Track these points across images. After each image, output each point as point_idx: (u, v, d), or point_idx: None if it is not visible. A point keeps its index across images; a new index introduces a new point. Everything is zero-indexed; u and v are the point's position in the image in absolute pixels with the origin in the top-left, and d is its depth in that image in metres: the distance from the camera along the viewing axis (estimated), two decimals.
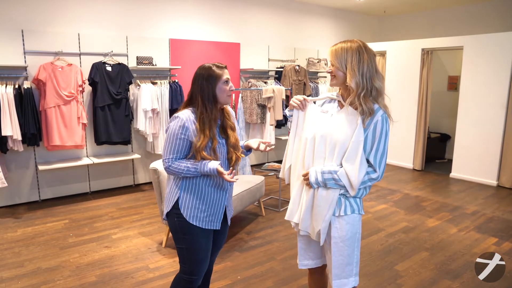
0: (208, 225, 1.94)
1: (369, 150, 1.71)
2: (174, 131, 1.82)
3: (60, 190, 4.79)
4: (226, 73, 1.90)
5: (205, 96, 1.84)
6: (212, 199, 1.93)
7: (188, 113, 1.85)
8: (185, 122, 1.82)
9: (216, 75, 1.85)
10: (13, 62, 4.26)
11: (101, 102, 4.65)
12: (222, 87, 1.87)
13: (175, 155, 1.85)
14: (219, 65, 1.89)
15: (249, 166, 4.67)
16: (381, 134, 1.71)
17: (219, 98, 1.87)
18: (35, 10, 4.40)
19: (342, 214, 1.77)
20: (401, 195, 5.06)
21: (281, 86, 5.61)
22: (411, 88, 6.33)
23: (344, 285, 1.81)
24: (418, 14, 7.83)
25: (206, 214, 1.92)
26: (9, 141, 4.10)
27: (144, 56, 5.02)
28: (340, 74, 1.75)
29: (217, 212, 1.97)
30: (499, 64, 5.30)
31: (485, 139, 5.53)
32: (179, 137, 1.83)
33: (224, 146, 1.91)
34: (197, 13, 5.69)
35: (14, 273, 2.98)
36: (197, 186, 1.90)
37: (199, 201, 1.90)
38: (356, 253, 1.82)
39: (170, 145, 1.84)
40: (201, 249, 1.95)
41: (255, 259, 3.24)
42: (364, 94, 1.69)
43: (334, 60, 1.75)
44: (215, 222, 1.97)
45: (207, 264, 2.02)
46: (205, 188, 1.91)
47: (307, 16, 7.10)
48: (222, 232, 2.12)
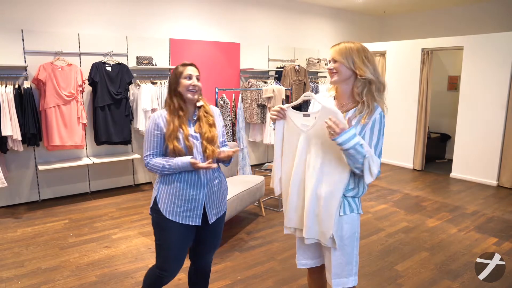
0: (186, 220, 1.98)
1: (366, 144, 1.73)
2: (148, 129, 1.99)
3: (60, 190, 4.79)
4: (189, 70, 2.00)
5: (171, 91, 2.01)
6: (188, 195, 1.98)
7: (161, 111, 2.03)
8: (157, 119, 1.98)
9: (179, 72, 1.99)
10: (13, 62, 4.26)
11: (101, 102, 4.65)
12: (183, 82, 1.98)
13: (152, 151, 1.99)
14: (185, 63, 2.03)
15: (249, 166, 4.67)
16: (379, 131, 1.74)
17: (182, 92, 1.98)
18: (35, 10, 4.40)
19: (341, 214, 1.77)
20: (401, 195, 5.05)
21: (281, 86, 5.61)
22: (411, 88, 6.33)
23: (344, 284, 1.81)
24: (418, 14, 7.83)
25: (183, 209, 1.98)
26: (9, 141, 4.10)
27: (144, 56, 5.02)
28: (344, 70, 1.75)
29: (195, 208, 1.99)
30: (499, 64, 5.29)
31: (485, 139, 5.53)
32: (153, 134, 1.98)
33: (199, 140, 1.99)
34: (197, 13, 5.69)
35: (14, 273, 2.98)
36: (173, 183, 1.98)
37: (175, 197, 1.97)
38: (356, 253, 1.82)
39: (147, 143, 2.00)
40: (175, 247, 2.00)
41: (255, 259, 3.24)
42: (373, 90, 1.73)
43: (338, 56, 1.75)
44: (193, 218, 2.00)
45: (181, 263, 2.06)
46: (179, 185, 1.98)
47: (307, 16, 7.10)
48: (213, 231, 2.12)
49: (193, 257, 2.21)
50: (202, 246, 2.14)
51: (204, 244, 2.13)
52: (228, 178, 4.22)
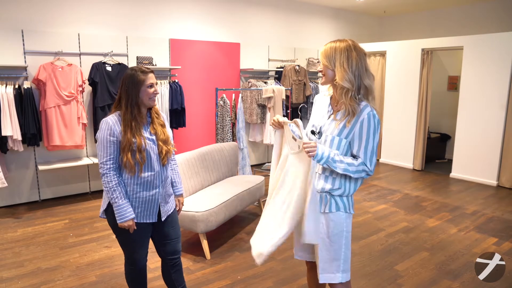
0: (142, 219, 2.08)
1: (357, 148, 1.77)
2: (103, 136, 1.95)
3: (60, 190, 4.79)
4: (150, 78, 2.00)
5: (129, 99, 1.97)
6: (143, 197, 2.05)
7: (114, 117, 1.99)
8: (112, 125, 1.95)
9: (140, 80, 1.97)
10: (13, 62, 4.26)
11: (101, 102, 4.65)
12: (146, 90, 1.98)
13: (108, 157, 1.96)
14: (144, 70, 2.00)
15: (249, 166, 4.67)
16: (368, 131, 1.74)
17: (143, 100, 1.99)
18: (35, 10, 4.40)
19: (327, 211, 1.83)
20: (401, 195, 5.06)
21: (281, 86, 5.61)
22: (411, 88, 6.33)
23: (330, 279, 1.86)
24: (418, 14, 7.83)
25: (140, 210, 2.06)
26: (9, 141, 4.10)
27: (144, 56, 5.03)
28: (329, 73, 1.81)
29: (151, 207, 2.09)
30: (499, 64, 5.30)
31: (485, 139, 5.53)
32: (109, 140, 1.95)
33: (155, 142, 2.04)
34: (197, 13, 5.69)
35: (14, 273, 2.98)
36: (129, 186, 2.02)
37: (131, 199, 2.03)
38: (345, 251, 1.85)
39: (102, 149, 1.96)
40: (135, 240, 2.11)
41: None
42: (352, 94, 1.74)
43: (323, 58, 1.81)
44: (149, 216, 2.10)
45: (145, 249, 2.18)
46: (135, 187, 2.02)
47: (307, 16, 7.10)
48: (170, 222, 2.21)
49: (163, 253, 2.26)
50: (167, 239, 2.22)
51: (167, 236, 2.22)
52: (228, 178, 4.23)
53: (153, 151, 2.03)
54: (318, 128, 1.87)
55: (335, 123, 1.80)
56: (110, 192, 1.96)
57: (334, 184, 1.82)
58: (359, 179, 1.85)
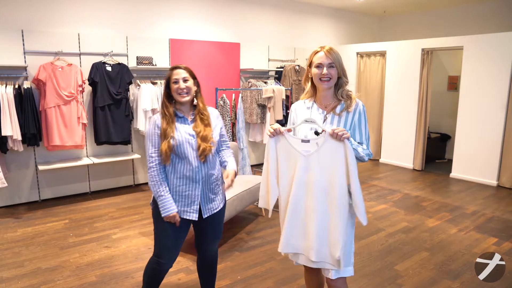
0: (182, 214, 2.10)
1: (359, 135, 1.91)
2: (149, 129, 2.11)
3: (60, 190, 4.79)
4: (176, 74, 2.09)
5: (164, 95, 2.14)
6: (184, 191, 2.09)
7: (158, 114, 2.15)
8: (157, 120, 2.11)
9: (168, 76, 2.12)
10: (13, 62, 4.26)
11: (101, 102, 4.65)
12: (172, 86, 2.10)
13: (153, 149, 2.07)
14: (174, 66, 2.14)
15: (249, 166, 4.67)
16: (365, 120, 1.92)
17: (174, 96, 2.11)
18: (35, 10, 4.40)
19: None
20: (401, 195, 5.06)
21: (281, 86, 5.61)
22: (411, 88, 6.33)
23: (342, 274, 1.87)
24: (418, 14, 7.83)
25: (180, 205, 2.09)
26: (9, 141, 4.10)
27: (144, 56, 5.02)
28: (336, 74, 1.89)
29: (191, 203, 2.10)
30: (499, 64, 5.29)
31: (485, 139, 5.53)
32: (154, 133, 2.09)
33: (194, 138, 2.09)
34: (197, 13, 5.69)
35: (14, 273, 2.98)
36: (170, 180, 2.09)
37: (172, 192, 2.09)
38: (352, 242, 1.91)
39: (148, 142, 2.10)
40: (170, 237, 2.13)
41: (255, 259, 3.24)
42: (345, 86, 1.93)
43: (336, 62, 1.87)
44: (190, 213, 2.11)
45: (176, 253, 2.19)
46: (176, 181, 2.08)
47: (307, 16, 7.10)
48: (211, 224, 2.21)
49: (198, 248, 2.33)
50: (204, 238, 2.27)
51: (205, 235, 2.26)
52: None
53: (192, 147, 2.07)
54: (320, 128, 1.87)
55: (337, 118, 1.89)
56: (156, 185, 2.05)
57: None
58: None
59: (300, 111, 1.98)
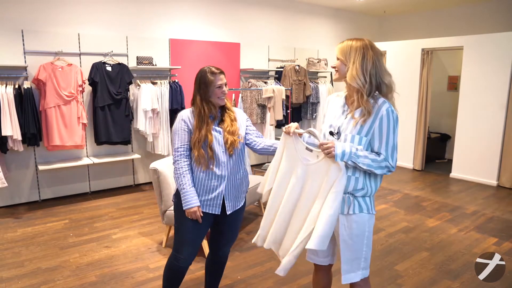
0: (205, 208, 2.12)
1: (379, 144, 1.75)
2: (177, 125, 2.14)
3: (60, 190, 4.79)
4: (220, 79, 2.12)
5: (202, 98, 2.13)
6: (210, 186, 2.11)
7: (188, 111, 2.17)
8: (184, 117, 2.14)
9: (209, 81, 2.11)
10: (13, 62, 4.26)
11: (101, 102, 4.65)
12: (215, 91, 2.12)
13: (180, 143, 2.11)
14: (214, 71, 2.13)
15: (249, 166, 4.68)
16: (388, 126, 1.73)
17: (212, 100, 2.13)
18: (35, 10, 4.40)
19: (350, 213, 1.81)
20: (401, 195, 5.06)
21: (281, 86, 5.60)
22: (411, 88, 6.33)
23: (352, 279, 1.86)
24: (418, 14, 7.82)
25: (203, 198, 2.11)
26: (9, 141, 4.10)
27: (144, 56, 5.02)
28: (342, 69, 1.81)
29: (215, 197, 2.12)
30: (499, 64, 5.29)
31: (485, 139, 5.53)
32: (181, 128, 2.12)
33: (221, 133, 2.13)
34: (197, 13, 5.69)
35: (14, 273, 2.98)
36: (196, 173, 2.12)
37: (197, 186, 2.11)
38: (365, 249, 1.85)
39: (175, 137, 2.14)
40: (191, 231, 2.13)
41: (255, 259, 3.24)
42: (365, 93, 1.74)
43: (340, 54, 1.82)
44: (213, 207, 2.13)
45: (195, 249, 2.19)
46: (202, 175, 2.11)
47: (307, 16, 7.10)
48: (230, 223, 2.24)
49: (212, 247, 2.37)
50: (220, 237, 2.30)
51: (222, 235, 2.28)
52: None
53: (218, 143, 2.10)
54: (336, 128, 1.83)
55: (353, 122, 1.77)
56: (180, 178, 2.08)
57: (358, 185, 1.78)
58: (379, 178, 1.84)
59: (332, 104, 1.93)
